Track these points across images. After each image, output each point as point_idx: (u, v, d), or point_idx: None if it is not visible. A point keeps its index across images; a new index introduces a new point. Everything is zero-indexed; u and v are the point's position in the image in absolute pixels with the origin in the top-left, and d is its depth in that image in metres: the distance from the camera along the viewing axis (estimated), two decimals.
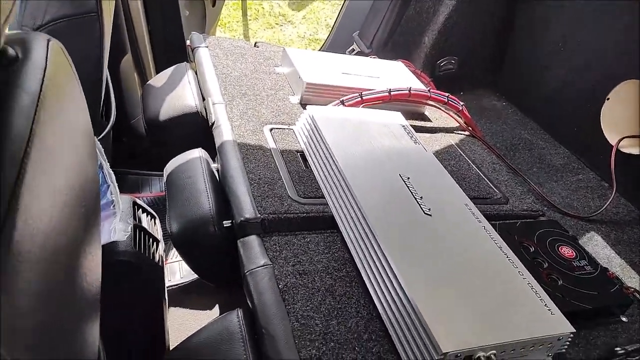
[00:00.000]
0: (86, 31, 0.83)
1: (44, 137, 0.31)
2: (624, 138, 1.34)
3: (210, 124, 1.06)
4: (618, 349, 0.78)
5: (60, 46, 0.41)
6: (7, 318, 0.24)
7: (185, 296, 1.18)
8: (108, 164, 0.90)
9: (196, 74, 1.28)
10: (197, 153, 0.98)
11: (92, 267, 0.42)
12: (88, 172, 0.44)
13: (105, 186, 0.90)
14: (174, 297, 1.20)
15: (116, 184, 0.88)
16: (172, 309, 1.15)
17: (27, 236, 0.26)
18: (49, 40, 0.38)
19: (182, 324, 1.10)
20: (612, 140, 1.35)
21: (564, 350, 0.74)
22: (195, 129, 1.12)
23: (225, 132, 1.01)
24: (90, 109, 0.96)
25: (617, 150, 1.32)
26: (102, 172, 0.91)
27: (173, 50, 1.77)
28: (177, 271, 1.30)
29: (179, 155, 0.99)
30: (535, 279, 0.78)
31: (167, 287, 1.23)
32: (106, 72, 0.93)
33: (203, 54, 1.31)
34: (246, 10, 3.51)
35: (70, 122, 0.41)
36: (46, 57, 0.36)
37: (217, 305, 1.13)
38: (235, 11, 3.54)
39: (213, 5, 2.09)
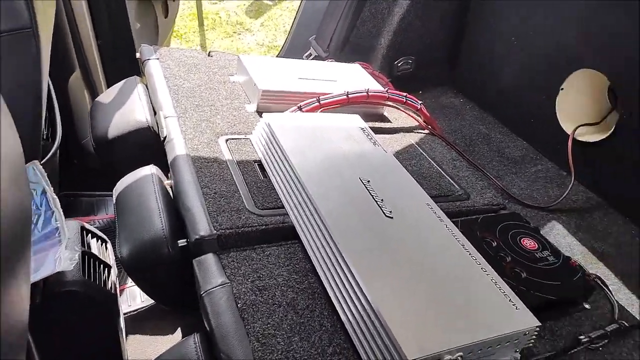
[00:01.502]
0: (20, 49, 0.78)
1: None
2: (579, 126, 1.36)
3: (162, 138, 1.03)
4: (582, 337, 0.78)
5: None
6: None
7: (146, 321, 1.13)
8: (52, 188, 0.86)
9: (147, 87, 1.24)
10: (148, 170, 0.94)
11: (16, 303, 0.38)
12: (9, 198, 0.40)
13: (50, 212, 0.85)
14: (134, 322, 1.15)
15: (61, 210, 0.83)
16: (132, 336, 1.10)
17: None
18: None
19: (144, 351, 1.05)
20: (568, 130, 1.38)
21: (531, 344, 0.74)
22: (147, 145, 1.07)
23: (177, 146, 0.97)
24: (31, 131, 0.90)
25: (574, 139, 1.34)
26: (46, 198, 0.86)
27: (125, 65, 1.72)
28: (138, 295, 1.25)
29: (128, 174, 0.95)
30: (498, 274, 0.77)
31: (127, 313, 1.18)
32: (46, 92, 0.88)
33: (153, 66, 1.27)
34: (202, 20, 3.46)
35: None
36: None
37: (179, 329, 1.08)
38: (191, 22, 3.48)
39: (165, 17, 2.04)
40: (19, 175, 0.47)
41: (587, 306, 0.86)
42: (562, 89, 1.39)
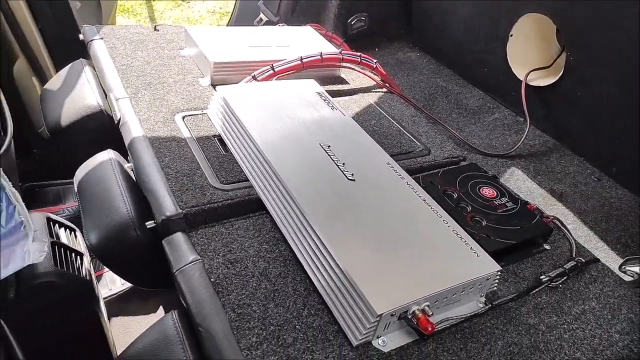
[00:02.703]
0: None
1: None
2: (531, 72, 1.39)
3: (116, 121, 1.00)
4: (543, 277, 0.82)
5: None
6: None
7: (127, 303, 1.14)
8: (10, 183, 0.84)
9: (95, 69, 1.20)
10: (106, 155, 0.92)
11: None
12: None
13: (12, 207, 0.84)
14: (116, 305, 1.16)
15: (22, 204, 0.82)
16: (115, 318, 1.11)
17: None
18: None
19: (128, 332, 1.07)
20: (521, 75, 1.41)
21: (495, 288, 0.78)
22: (102, 130, 1.05)
23: (133, 128, 0.95)
24: None
25: (526, 84, 1.37)
26: (5, 193, 0.84)
27: (71, 48, 1.65)
28: (117, 279, 1.25)
29: (87, 161, 0.93)
30: (460, 224, 0.80)
31: (108, 297, 1.18)
32: None
33: (98, 47, 1.22)
34: None
35: None
36: None
37: (161, 307, 1.10)
38: None
39: None
40: None
41: (547, 247, 0.91)
42: (511, 35, 1.41)
